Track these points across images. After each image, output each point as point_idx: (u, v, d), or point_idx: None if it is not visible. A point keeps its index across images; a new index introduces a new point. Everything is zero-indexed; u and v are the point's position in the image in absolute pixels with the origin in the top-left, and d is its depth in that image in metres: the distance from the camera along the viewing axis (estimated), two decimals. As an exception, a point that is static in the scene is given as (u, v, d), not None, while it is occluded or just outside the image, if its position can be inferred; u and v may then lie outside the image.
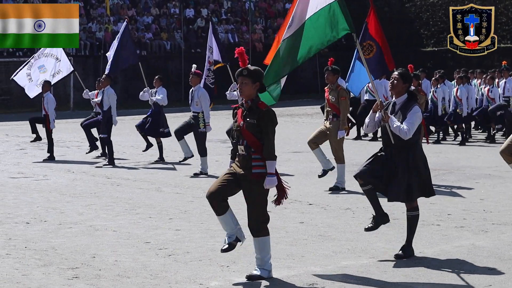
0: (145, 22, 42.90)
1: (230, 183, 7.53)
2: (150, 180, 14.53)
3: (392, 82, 8.38)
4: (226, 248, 7.67)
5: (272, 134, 7.44)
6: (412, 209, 8.39)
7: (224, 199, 7.53)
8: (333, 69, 13.04)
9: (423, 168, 8.29)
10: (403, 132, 8.12)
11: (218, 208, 7.54)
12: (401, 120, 8.19)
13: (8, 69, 36.93)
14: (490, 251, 8.56)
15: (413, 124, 8.15)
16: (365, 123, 8.71)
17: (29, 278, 7.61)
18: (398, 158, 8.22)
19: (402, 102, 8.36)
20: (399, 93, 8.38)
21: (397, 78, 8.36)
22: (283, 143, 20.08)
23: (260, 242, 7.49)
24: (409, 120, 8.16)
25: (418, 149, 8.35)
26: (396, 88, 8.37)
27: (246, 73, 7.51)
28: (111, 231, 9.84)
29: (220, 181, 7.56)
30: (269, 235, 7.56)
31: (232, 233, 7.66)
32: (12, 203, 12.09)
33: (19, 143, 21.96)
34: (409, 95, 8.39)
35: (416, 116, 8.19)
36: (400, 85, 8.35)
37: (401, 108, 8.32)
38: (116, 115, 17.03)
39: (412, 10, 44.44)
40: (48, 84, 18.18)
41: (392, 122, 8.18)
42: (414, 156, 8.25)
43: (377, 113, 8.44)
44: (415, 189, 8.25)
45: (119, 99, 19.61)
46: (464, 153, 18.36)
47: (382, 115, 8.28)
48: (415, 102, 8.37)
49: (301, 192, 12.71)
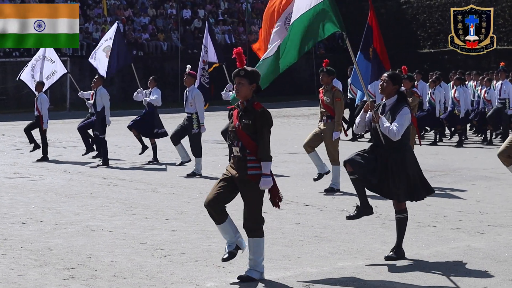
0: (142, 22, 42.89)
1: (226, 189, 7.52)
2: (146, 180, 14.52)
3: (382, 84, 8.39)
4: (227, 257, 7.66)
5: (267, 135, 7.43)
6: (401, 211, 8.37)
7: (222, 207, 7.53)
8: (328, 70, 13.02)
9: (412, 171, 8.25)
10: (392, 133, 8.12)
11: (216, 217, 7.54)
12: (391, 121, 8.20)
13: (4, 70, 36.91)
14: (486, 252, 8.57)
15: (402, 126, 8.15)
16: (355, 123, 8.71)
17: (25, 279, 7.60)
18: (388, 159, 8.20)
19: (392, 104, 8.36)
20: (388, 95, 8.39)
21: (386, 80, 8.37)
22: (279, 144, 20.09)
23: (254, 243, 7.48)
24: (398, 121, 8.15)
25: (408, 151, 8.31)
26: (386, 89, 8.37)
27: (243, 74, 7.50)
28: (107, 232, 9.83)
29: (216, 189, 7.55)
30: (264, 237, 7.55)
31: (232, 241, 7.66)
32: (8, 203, 12.08)
33: (16, 143, 21.94)
34: (399, 96, 8.38)
35: (405, 117, 8.18)
36: (390, 86, 8.36)
37: (390, 109, 8.31)
38: (110, 115, 17.01)
39: (409, 12, 44.48)
40: (41, 84, 18.14)
41: (382, 122, 8.18)
42: (404, 158, 8.22)
43: (368, 113, 8.45)
44: (402, 191, 8.23)
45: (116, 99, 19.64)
46: (460, 155, 18.38)
47: (373, 116, 8.29)
48: (405, 103, 8.37)
49: (298, 193, 12.71)
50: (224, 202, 7.53)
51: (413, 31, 43.95)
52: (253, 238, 7.48)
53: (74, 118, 29.57)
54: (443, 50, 40.98)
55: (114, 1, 43.34)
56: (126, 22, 41.70)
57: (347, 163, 8.27)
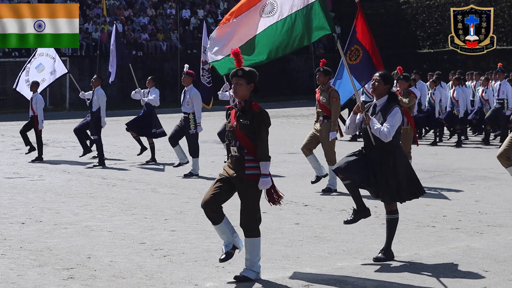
0: (142, 22, 42.90)
1: (223, 189, 7.52)
2: (145, 180, 14.52)
3: (374, 83, 8.34)
4: (224, 258, 7.67)
5: (265, 135, 7.43)
6: (391, 212, 8.33)
7: (219, 207, 7.53)
8: (324, 70, 12.99)
9: (402, 172, 8.20)
10: (383, 134, 8.07)
11: (213, 217, 7.54)
12: (382, 122, 8.15)
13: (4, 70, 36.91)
14: (485, 252, 8.57)
15: (393, 127, 8.09)
16: (346, 125, 8.67)
17: (24, 279, 7.60)
18: (379, 160, 8.16)
19: (382, 104, 8.30)
20: (380, 95, 8.32)
21: (378, 79, 8.30)
22: (278, 144, 20.09)
23: (250, 243, 7.49)
24: (389, 122, 8.08)
25: (398, 152, 8.25)
26: (377, 89, 8.30)
27: (241, 74, 7.51)
28: (107, 232, 9.83)
29: (213, 189, 7.55)
30: (260, 237, 7.55)
31: (229, 242, 7.66)
32: (8, 203, 12.08)
33: (15, 143, 21.93)
34: (389, 96, 8.33)
35: (396, 118, 8.12)
36: (381, 86, 8.29)
37: (381, 110, 8.25)
38: (105, 116, 17.00)
39: (409, 12, 44.47)
40: (36, 84, 18.09)
41: (372, 124, 8.14)
42: (395, 160, 8.16)
43: (358, 115, 8.41)
44: (392, 192, 8.19)
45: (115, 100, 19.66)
46: (459, 155, 18.38)
47: (363, 117, 8.26)
48: (396, 103, 8.28)
49: (297, 193, 12.72)
50: (221, 202, 7.54)
51: (413, 31, 43.94)
52: (249, 238, 7.49)
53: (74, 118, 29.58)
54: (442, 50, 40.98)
55: (113, 1, 43.34)
56: (126, 22, 41.70)
57: (338, 172, 8.25)
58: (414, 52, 42.67)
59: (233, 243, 7.67)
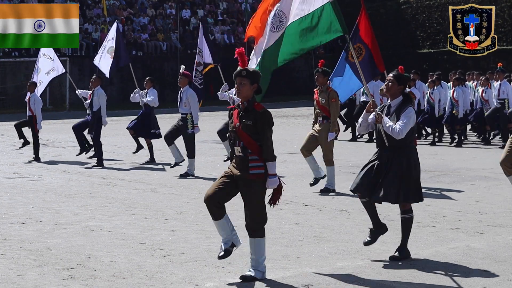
0: (141, 22, 42.90)
1: (227, 186, 7.52)
2: (145, 180, 14.52)
3: (387, 84, 8.35)
4: (223, 255, 7.67)
5: (270, 135, 7.44)
6: (406, 211, 8.35)
7: (221, 203, 7.53)
8: (323, 71, 12.97)
9: (413, 173, 8.20)
10: (395, 132, 8.07)
11: (215, 212, 7.54)
12: (395, 122, 8.16)
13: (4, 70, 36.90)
14: (485, 252, 8.57)
15: (406, 125, 8.09)
16: (358, 123, 8.70)
17: (24, 279, 7.60)
18: (392, 160, 8.18)
19: (397, 104, 8.30)
20: (394, 95, 8.33)
21: (392, 80, 8.31)
22: (278, 144, 20.08)
23: (255, 243, 7.49)
24: (402, 120, 8.11)
25: (412, 152, 8.26)
26: (391, 90, 8.32)
27: (245, 74, 7.50)
28: (107, 232, 9.83)
29: (217, 184, 7.55)
30: (265, 237, 7.56)
31: (228, 239, 7.67)
32: (8, 203, 12.08)
33: (15, 143, 21.92)
34: (404, 97, 8.34)
35: (409, 117, 8.12)
36: (395, 87, 8.30)
37: (396, 110, 8.25)
38: (106, 115, 17.00)
39: (408, 12, 44.48)
40: (33, 85, 18.08)
41: (384, 122, 8.15)
42: (408, 159, 8.17)
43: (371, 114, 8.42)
44: (405, 191, 8.20)
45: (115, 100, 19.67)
46: (459, 155, 18.38)
47: (375, 116, 8.26)
48: (410, 104, 8.32)
49: (297, 193, 12.72)
50: (224, 198, 7.54)
51: (412, 31, 43.95)
52: (254, 238, 7.49)
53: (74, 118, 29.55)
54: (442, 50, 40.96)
55: (113, 1, 43.35)
56: (126, 22, 41.71)
57: (354, 191, 8.43)
58: (414, 52, 42.67)
59: (231, 241, 7.68)
